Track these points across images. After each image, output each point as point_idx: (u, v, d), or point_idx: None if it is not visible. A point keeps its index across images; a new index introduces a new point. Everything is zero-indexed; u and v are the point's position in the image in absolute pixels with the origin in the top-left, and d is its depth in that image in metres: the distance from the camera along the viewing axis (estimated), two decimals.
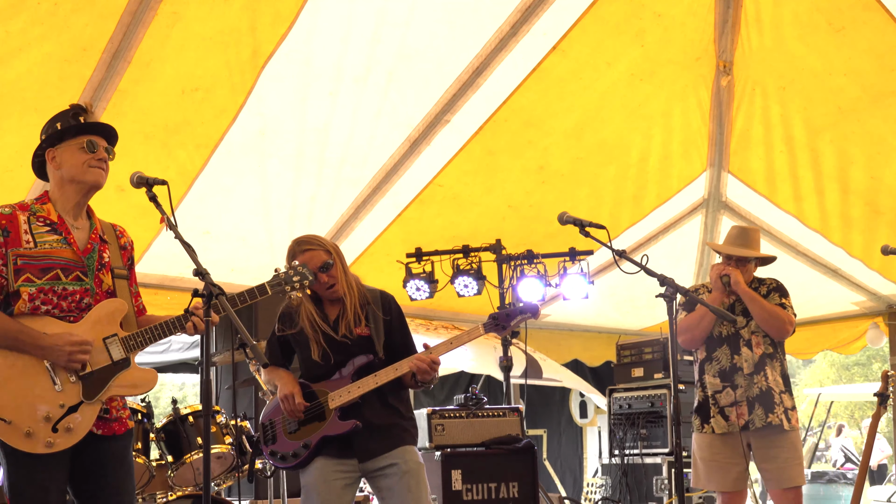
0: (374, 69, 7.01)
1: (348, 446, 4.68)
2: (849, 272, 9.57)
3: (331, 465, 4.68)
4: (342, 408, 4.68)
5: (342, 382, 4.71)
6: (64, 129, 4.05)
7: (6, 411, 3.79)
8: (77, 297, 3.96)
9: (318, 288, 4.72)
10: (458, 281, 8.28)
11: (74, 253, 3.99)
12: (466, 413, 6.62)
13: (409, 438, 4.79)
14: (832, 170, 8.31)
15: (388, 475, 4.67)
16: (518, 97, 7.50)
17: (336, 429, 4.67)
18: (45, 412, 3.81)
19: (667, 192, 9.02)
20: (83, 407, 3.87)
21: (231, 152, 7.15)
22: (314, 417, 4.72)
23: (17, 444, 3.78)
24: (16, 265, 3.90)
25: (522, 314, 4.89)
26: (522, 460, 6.49)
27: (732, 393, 5.67)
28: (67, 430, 3.83)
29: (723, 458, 5.70)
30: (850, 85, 7.53)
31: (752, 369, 5.67)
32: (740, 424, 5.61)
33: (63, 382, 3.86)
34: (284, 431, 4.78)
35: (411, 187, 8.15)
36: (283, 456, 4.78)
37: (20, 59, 5.95)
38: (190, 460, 6.15)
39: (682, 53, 7.64)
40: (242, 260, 8.16)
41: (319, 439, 4.69)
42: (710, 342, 5.81)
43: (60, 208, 4.06)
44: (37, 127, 6.04)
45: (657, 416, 8.48)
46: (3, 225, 3.93)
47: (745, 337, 5.74)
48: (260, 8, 6.28)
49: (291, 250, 4.84)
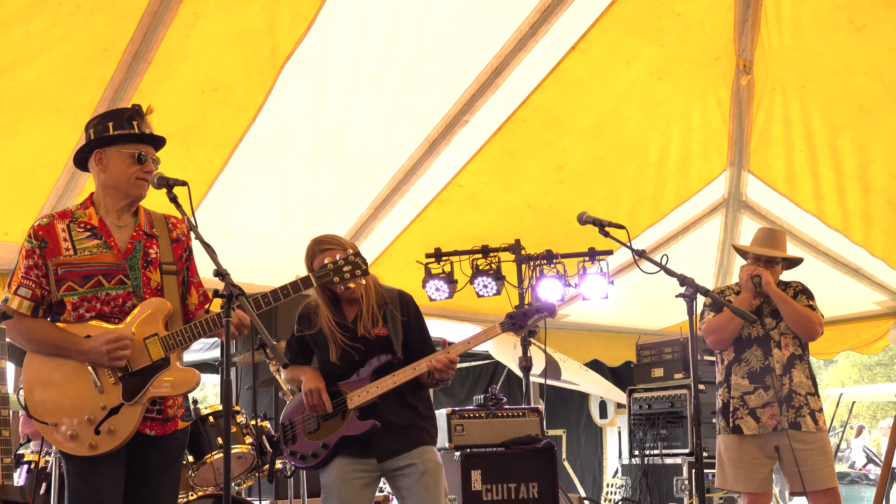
0: (392, 69, 7.01)
1: (367, 446, 4.68)
2: (870, 271, 9.51)
3: (350, 465, 4.69)
4: (361, 408, 4.68)
5: (360, 383, 4.71)
6: (116, 134, 4.01)
7: (52, 415, 3.83)
8: (120, 300, 3.96)
9: (336, 287, 4.70)
10: (478, 281, 8.27)
11: (115, 256, 3.98)
12: (486, 413, 6.61)
13: (427, 438, 4.79)
14: (853, 168, 8.27)
15: (407, 475, 4.67)
16: (537, 97, 7.49)
17: (355, 429, 4.67)
18: (88, 414, 3.83)
19: (686, 191, 8.99)
20: (124, 409, 3.86)
21: (250, 152, 7.15)
22: (333, 417, 4.72)
23: (63, 447, 3.83)
24: (57, 275, 3.91)
25: (539, 313, 4.88)
26: (542, 460, 6.47)
27: (764, 394, 5.66)
28: (109, 431, 3.83)
29: (750, 459, 5.69)
30: (871, 83, 7.49)
31: (782, 370, 5.66)
32: (772, 426, 5.61)
33: (104, 384, 3.87)
34: (304, 431, 4.79)
35: (430, 187, 8.15)
36: (303, 456, 4.79)
37: (41, 60, 5.97)
38: (210, 460, 6.15)
39: (702, 52, 7.62)
40: (262, 260, 8.17)
41: (338, 439, 4.69)
42: (739, 343, 5.79)
43: (103, 211, 4.06)
44: (57, 128, 6.10)
45: (677, 417, 8.44)
46: (40, 236, 3.95)
47: (775, 338, 5.73)
48: (278, 8, 6.28)
49: (311, 250, 4.83)
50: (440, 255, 8.32)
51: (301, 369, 4.87)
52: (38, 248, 3.93)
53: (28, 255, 3.94)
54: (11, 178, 6.62)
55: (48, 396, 3.85)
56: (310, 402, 4.70)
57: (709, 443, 8.29)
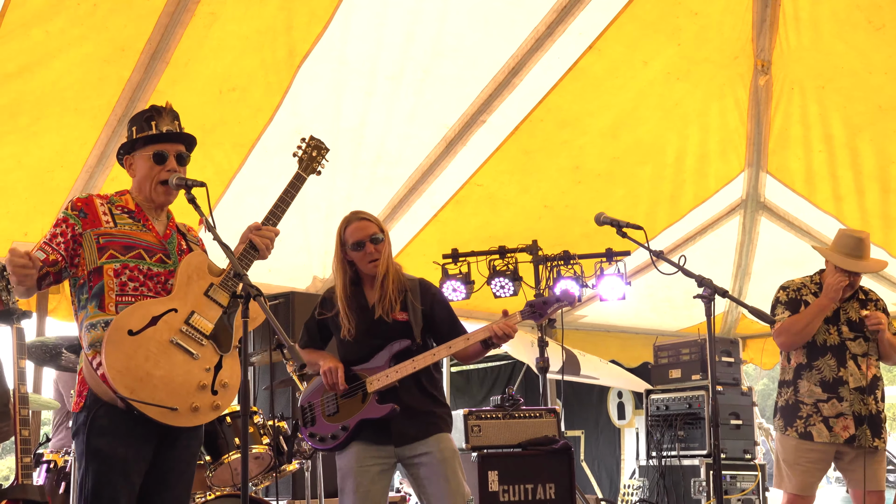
0: (408, 69, 7.02)
1: (385, 431, 4.68)
2: (890, 272, 9.46)
3: (367, 451, 4.69)
4: (380, 392, 4.69)
5: (379, 367, 4.72)
6: (137, 138, 4.01)
7: (169, 400, 3.77)
8: (162, 278, 3.95)
9: (361, 259, 4.73)
10: (495, 282, 8.25)
11: (155, 237, 3.99)
12: (503, 414, 6.60)
13: (444, 426, 4.79)
14: (872, 169, 8.23)
15: (424, 464, 4.67)
16: (554, 97, 7.49)
17: (374, 412, 4.67)
18: (198, 382, 3.83)
19: (704, 192, 8.96)
20: (225, 360, 3.91)
21: (267, 152, 7.17)
22: (352, 400, 4.73)
23: (188, 422, 3.83)
24: (98, 244, 3.88)
25: (559, 302, 4.85)
26: (559, 461, 6.46)
27: (838, 405, 5.59)
28: (223, 386, 3.89)
29: (807, 464, 5.66)
30: (890, 83, 7.46)
31: (863, 386, 5.60)
32: (844, 437, 5.57)
33: (197, 349, 3.86)
34: (323, 414, 4.80)
35: (447, 187, 8.15)
36: (322, 438, 4.79)
37: (60, 60, 6.00)
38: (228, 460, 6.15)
39: (719, 52, 7.60)
40: (279, 260, 8.17)
41: (358, 422, 4.69)
42: (813, 349, 5.70)
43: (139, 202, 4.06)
44: (76, 128, 6.12)
45: (695, 418, 8.42)
46: (78, 207, 3.93)
47: (853, 351, 5.67)
48: (296, 7, 6.30)
49: (346, 219, 4.84)
50: (457, 256, 8.32)
51: (320, 353, 4.90)
52: (75, 217, 3.90)
53: (57, 224, 3.91)
54: (31, 178, 6.65)
55: (152, 384, 3.76)
56: (328, 381, 4.71)
57: (726, 444, 8.28)
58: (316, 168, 4.58)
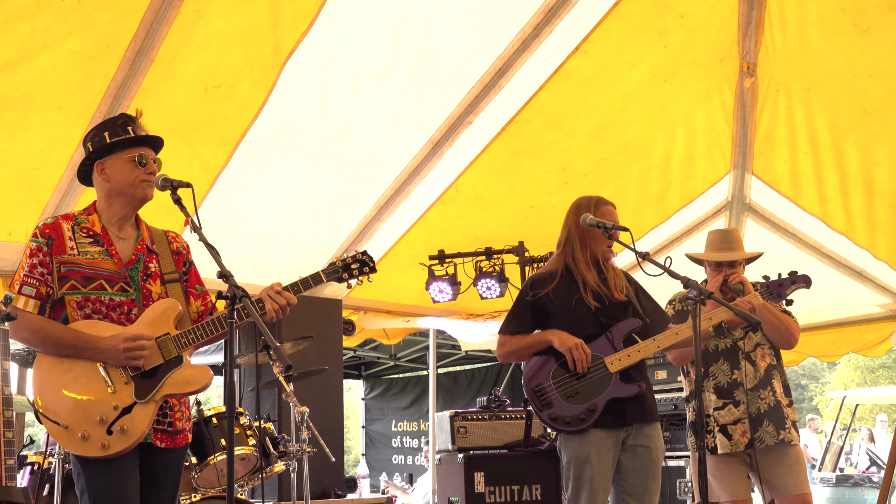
0: (395, 69, 7.00)
1: (620, 416, 4.70)
2: (874, 274, 9.48)
3: (606, 438, 4.70)
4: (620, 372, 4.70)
5: (609, 346, 4.73)
6: (114, 141, 4.02)
7: (63, 417, 3.78)
8: (125, 307, 3.96)
9: (601, 242, 4.90)
10: (481, 283, 8.26)
11: (115, 265, 3.98)
12: (489, 415, 6.60)
13: (658, 415, 4.89)
14: (857, 171, 8.24)
15: (639, 456, 4.73)
16: (540, 98, 7.48)
17: (621, 391, 4.68)
18: (99, 415, 3.80)
19: (690, 193, 8.97)
20: (137, 408, 3.84)
21: (253, 149, 7.14)
22: (592, 381, 4.71)
23: (74, 448, 3.79)
24: (59, 272, 3.90)
25: (795, 284, 5.02)
26: (545, 463, 6.46)
27: (735, 410, 5.38)
28: (122, 431, 3.80)
29: (725, 477, 5.44)
30: (876, 86, 7.47)
31: (756, 383, 5.41)
32: (744, 443, 5.35)
33: (116, 384, 3.84)
34: (562, 396, 4.73)
35: (434, 188, 8.14)
36: (569, 421, 4.72)
37: (45, 56, 5.95)
38: (214, 462, 6.15)
39: (706, 54, 7.60)
40: (266, 259, 8.16)
41: (607, 401, 4.67)
42: (706, 356, 5.50)
43: (106, 220, 4.06)
44: (61, 125, 6.09)
45: (681, 419, 8.43)
46: (46, 234, 3.94)
47: (745, 349, 5.49)
48: (282, 4, 6.27)
49: (595, 201, 5.04)
50: (444, 257, 8.31)
51: (543, 332, 4.87)
52: (45, 244, 3.93)
53: (33, 254, 3.93)
54: (15, 176, 6.61)
55: (59, 398, 3.81)
56: (578, 357, 4.69)
57: None
58: (348, 279, 4.30)
